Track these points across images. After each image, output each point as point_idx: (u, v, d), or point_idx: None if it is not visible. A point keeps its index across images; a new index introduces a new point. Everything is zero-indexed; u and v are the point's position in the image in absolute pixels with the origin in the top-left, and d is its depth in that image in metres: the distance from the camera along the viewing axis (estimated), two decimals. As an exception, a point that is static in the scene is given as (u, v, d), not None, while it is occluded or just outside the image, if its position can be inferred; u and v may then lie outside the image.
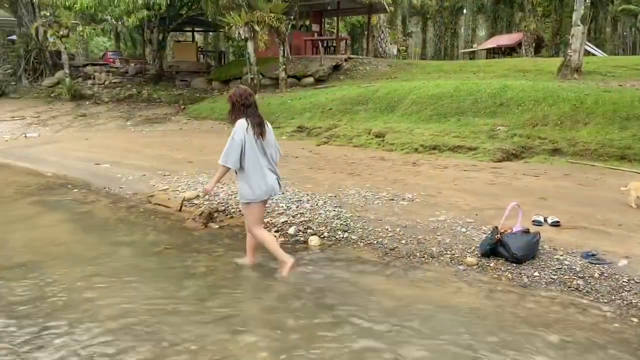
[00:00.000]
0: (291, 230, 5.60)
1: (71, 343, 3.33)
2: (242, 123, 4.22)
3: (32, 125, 15.80)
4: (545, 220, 5.35)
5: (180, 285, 4.30)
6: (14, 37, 26.95)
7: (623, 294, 3.98)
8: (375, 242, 5.17)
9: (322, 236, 5.40)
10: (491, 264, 4.61)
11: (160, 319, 3.66)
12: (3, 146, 12.03)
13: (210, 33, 33.59)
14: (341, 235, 5.37)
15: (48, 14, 19.21)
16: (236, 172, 4.33)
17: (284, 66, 17.24)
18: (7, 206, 6.96)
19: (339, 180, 7.42)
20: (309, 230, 5.56)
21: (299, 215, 5.96)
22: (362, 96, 12.97)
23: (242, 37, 16.89)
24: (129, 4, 15.97)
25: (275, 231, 5.63)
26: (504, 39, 34.29)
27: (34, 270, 4.58)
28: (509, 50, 31.73)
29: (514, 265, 4.54)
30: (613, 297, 3.97)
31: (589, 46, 23.44)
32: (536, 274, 4.39)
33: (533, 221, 5.32)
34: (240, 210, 6.33)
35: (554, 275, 4.33)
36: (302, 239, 5.42)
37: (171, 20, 22.33)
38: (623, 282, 4.11)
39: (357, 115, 12.25)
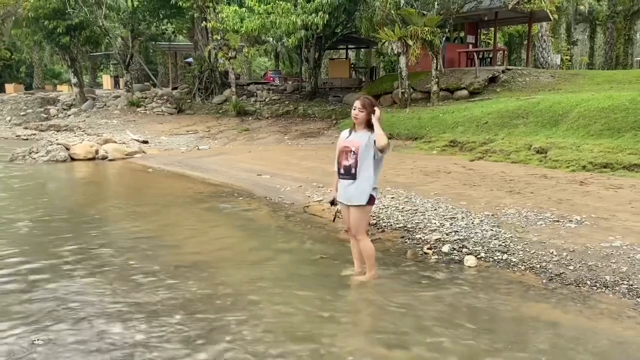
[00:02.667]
0: (445, 249, 5.45)
1: (238, 341, 3.58)
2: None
3: (204, 139, 17.56)
4: None
5: (335, 294, 4.42)
6: (189, 59, 30.31)
7: None
8: (539, 266, 4.81)
9: (478, 256, 5.17)
10: (681, 300, 4.04)
11: (318, 326, 3.79)
12: (180, 157, 13.52)
13: (362, 49, 34.39)
14: (500, 257, 5.09)
15: (219, 38, 21.22)
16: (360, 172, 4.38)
17: (436, 79, 16.97)
18: (183, 211, 7.78)
19: (496, 198, 7.06)
20: (464, 250, 5.36)
21: (452, 233, 5.78)
22: (522, 109, 12.24)
23: (395, 52, 17.00)
24: (289, 25, 16.95)
25: (428, 248, 5.53)
26: (692, 43, 30.06)
27: (205, 271, 5.03)
28: (699, 56, 27.73)
29: None
30: None
31: None
32: None
33: None
34: (391, 225, 6.36)
35: None
36: (456, 258, 5.24)
37: (327, 39, 23.29)
38: None
39: (516, 130, 11.58)
